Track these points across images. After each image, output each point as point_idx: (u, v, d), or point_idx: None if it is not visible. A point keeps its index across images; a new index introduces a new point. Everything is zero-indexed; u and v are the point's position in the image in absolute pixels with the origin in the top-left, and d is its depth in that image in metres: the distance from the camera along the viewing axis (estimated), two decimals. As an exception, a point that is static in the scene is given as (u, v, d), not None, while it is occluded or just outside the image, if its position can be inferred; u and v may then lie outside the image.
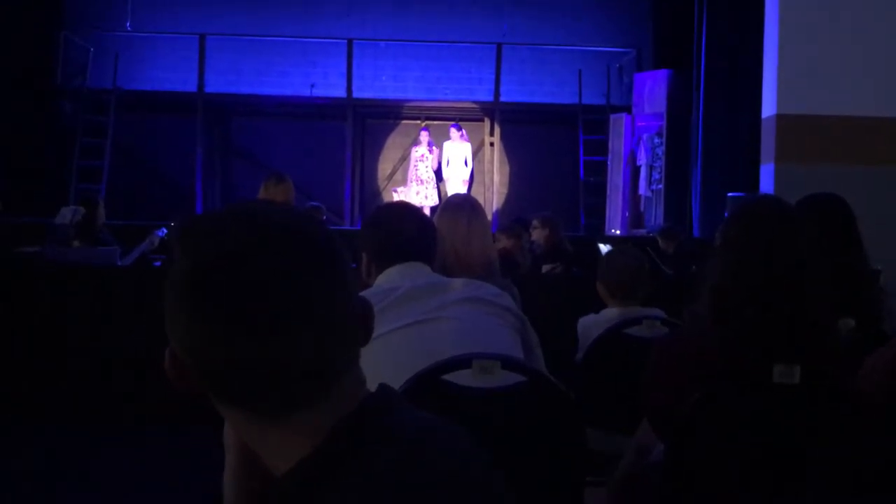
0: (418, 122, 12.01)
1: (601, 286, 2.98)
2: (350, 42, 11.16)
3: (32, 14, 10.33)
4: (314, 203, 7.23)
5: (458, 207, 2.58)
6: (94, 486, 3.79)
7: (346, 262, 0.87)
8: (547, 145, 11.91)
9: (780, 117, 6.12)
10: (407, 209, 2.23)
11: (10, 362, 4.73)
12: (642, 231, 10.37)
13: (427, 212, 9.23)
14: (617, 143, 10.88)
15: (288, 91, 11.54)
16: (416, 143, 11.50)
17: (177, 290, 0.82)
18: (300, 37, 11.54)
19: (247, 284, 0.80)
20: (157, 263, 6.15)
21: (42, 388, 4.69)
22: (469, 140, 11.62)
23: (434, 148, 11.55)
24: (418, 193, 11.05)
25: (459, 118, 11.77)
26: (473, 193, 11.27)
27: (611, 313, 2.91)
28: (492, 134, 11.71)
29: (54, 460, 4.11)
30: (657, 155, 10.30)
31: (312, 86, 11.68)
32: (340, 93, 11.23)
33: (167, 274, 0.85)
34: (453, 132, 11.43)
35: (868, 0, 6.02)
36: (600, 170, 11.11)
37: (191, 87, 11.03)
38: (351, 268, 0.89)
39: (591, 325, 2.90)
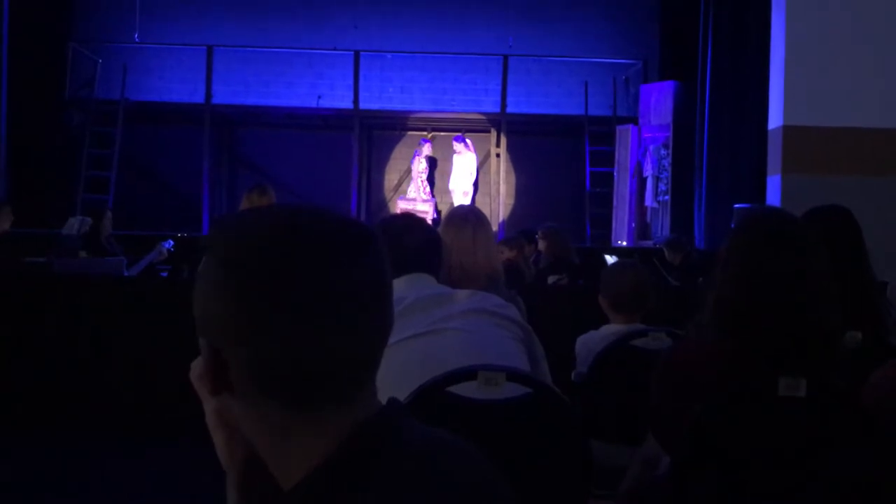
0: (424, 133, 12.04)
1: (603, 300, 2.96)
2: (357, 53, 11.21)
3: (42, 26, 10.41)
4: None
5: (462, 219, 2.58)
6: (100, 493, 3.80)
7: (387, 259, 0.89)
8: (553, 156, 11.93)
9: (786, 128, 6.12)
10: (413, 220, 2.23)
11: (18, 371, 4.75)
12: (648, 242, 10.35)
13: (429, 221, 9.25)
14: (623, 155, 10.89)
15: (295, 102, 11.59)
16: (417, 154, 11.53)
17: (231, 279, 0.82)
18: (307, 48, 11.59)
19: (316, 267, 0.81)
20: (164, 273, 6.17)
21: (48, 396, 4.70)
22: (475, 151, 11.64)
23: (434, 159, 11.62)
24: (426, 203, 11.16)
25: (465, 129, 11.80)
26: (479, 204, 11.28)
27: (610, 329, 2.88)
28: (498, 145, 11.74)
29: (60, 468, 4.11)
30: (663, 166, 10.30)
31: (319, 97, 11.73)
32: (347, 104, 11.27)
33: (208, 261, 0.85)
34: (457, 145, 11.45)
35: (874, 12, 6.03)
36: (606, 181, 11.11)
37: (198, 98, 11.08)
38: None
39: (590, 341, 2.87)
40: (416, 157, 11.50)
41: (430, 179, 11.68)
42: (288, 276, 0.81)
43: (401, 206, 11.41)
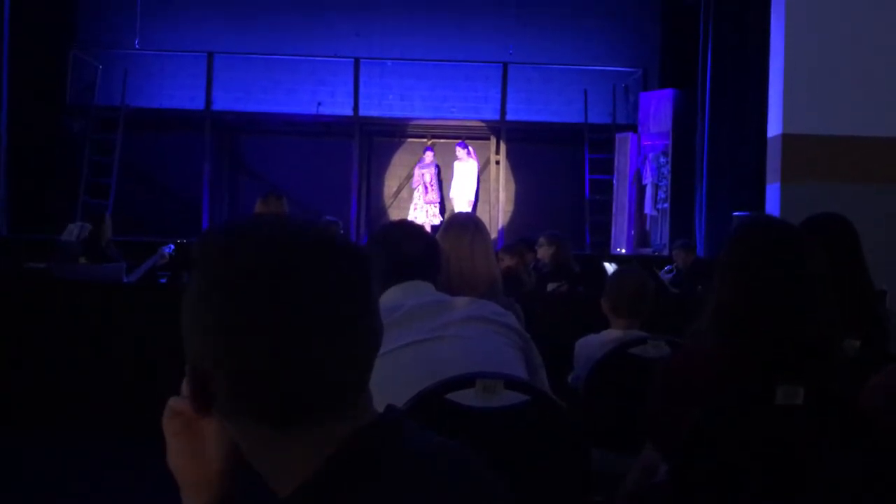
0: (424, 140, 12.06)
1: (605, 302, 3.03)
2: (357, 61, 11.23)
3: (43, 32, 10.42)
4: (330, 218, 7.23)
5: (461, 226, 2.58)
6: (100, 493, 3.80)
7: (373, 276, 0.88)
8: (553, 164, 11.93)
9: (785, 137, 6.13)
10: (411, 228, 2.23)
11: (18, 378, 4.74)
12: (648, 250, 10.36)
13: (428, 229, 9.27)
14: (623, 162, 10.90)
15: (295, 109, 11.60)
16: (420, 161, 11.54)
17: (211, 299, 0.81)
18: (308, 55, 11.61)
19: (291, 293, 0.80)
20: (164, 280, 6.17)
21: (48, 402, 4.70)
22: (476, 158, 11.65)
23: (438, 167, 11.62)
24: (427, 212, 11.16)
25: (465, 137, 11.81)
26: (479, 212, 11.29)
27: (610, 335, 2.93)
28: (498, 152, 11.74)
29: (58, 473, 4.11)
30: (663, 174, 10.31)
31: (319, 104, 11.74)
32: (347, 111, 11.29)
33: (191, 281, 0.84)
34: (460, 151, 11.47)
35: (874, 20, 6.04)
36: (606, 188, 11.12)
37: (198, 104, 11.10)
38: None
39: (590, 345, 2.91)
40: (420, 166, 11.51)
41: (439, 188, 11.62)
42: (270, 300, 0.80)
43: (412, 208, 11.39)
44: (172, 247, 6.25)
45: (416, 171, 11.57)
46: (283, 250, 0.82)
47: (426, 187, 11.42)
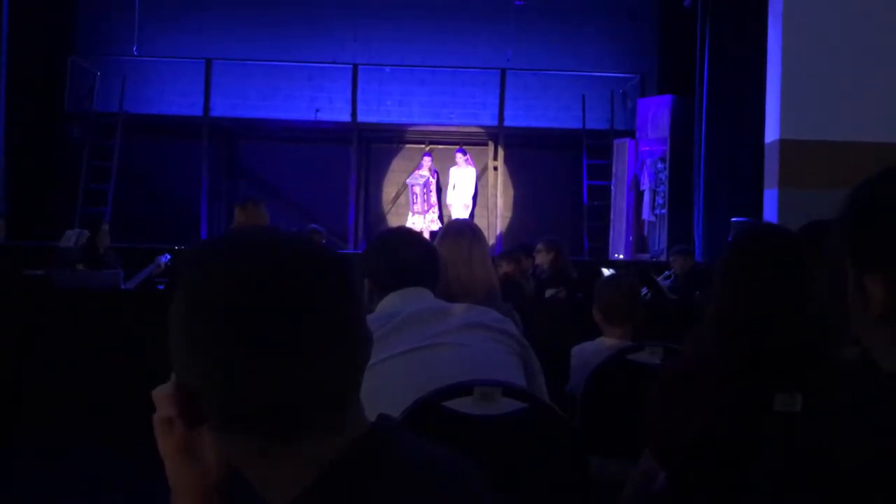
0: (422, 146, 12.06)
1: (596, 311, 3.03)
2: (355, 67, 11.24)
3: (42, 39, 10.43)
4: (314, 226, 7.24)
5: (459, 233, 2.59)
6: (100, 498, 3.80)
7: (360, 286, 0.88)
8: (551, 170, 11.95)
9: (783, 142, 6.14)
10: (410, 234, 2.23)
11: (15, 384, 4.74)
12: (646, 255, 10.36)
13: (427, 235, 9.27)
14: (620, 168, 10.91)
15: (293, 115, 11.61)
16: (419, 167, 11.55)
17: (195, 317, 0.81)
18: (306, 62, 11.63)
19: (274, 306, 0.80)
20: (161, 287, 6.17)
21: (48, 404, 4.70)
22: (475, 165, 11.66)
23: (437, 173, 11.62)
24: (425, 218, 11.15)
25: (463, 142, 11.82)
26: (477, 218, 11.29)
27: (605, 343, 2.94)
28: (496, 158, 11.75)
29: (58, 473, 4.10)
30: (660, 180, 10.32)
31: (317, 110, 11.74)
32: (345, 117, 11.29)
33: (176, 300, 0.83)
34: (459, 157, 11.47)
35: (871, 26, 6.05)
36: (604, 194, 11.13)
37: (197, 111, 11.10)
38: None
39: (585, 352, 2.91)
40: (418, 172, 11.52)
41: (438, 195, 11.62)
42: (252, 319, 0.79)
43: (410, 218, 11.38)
44: (168, 256, 6.26)
45: (416, 179, 11.56)
46: (264, 264, 0.82)
47: (413, 198, 11.39)
